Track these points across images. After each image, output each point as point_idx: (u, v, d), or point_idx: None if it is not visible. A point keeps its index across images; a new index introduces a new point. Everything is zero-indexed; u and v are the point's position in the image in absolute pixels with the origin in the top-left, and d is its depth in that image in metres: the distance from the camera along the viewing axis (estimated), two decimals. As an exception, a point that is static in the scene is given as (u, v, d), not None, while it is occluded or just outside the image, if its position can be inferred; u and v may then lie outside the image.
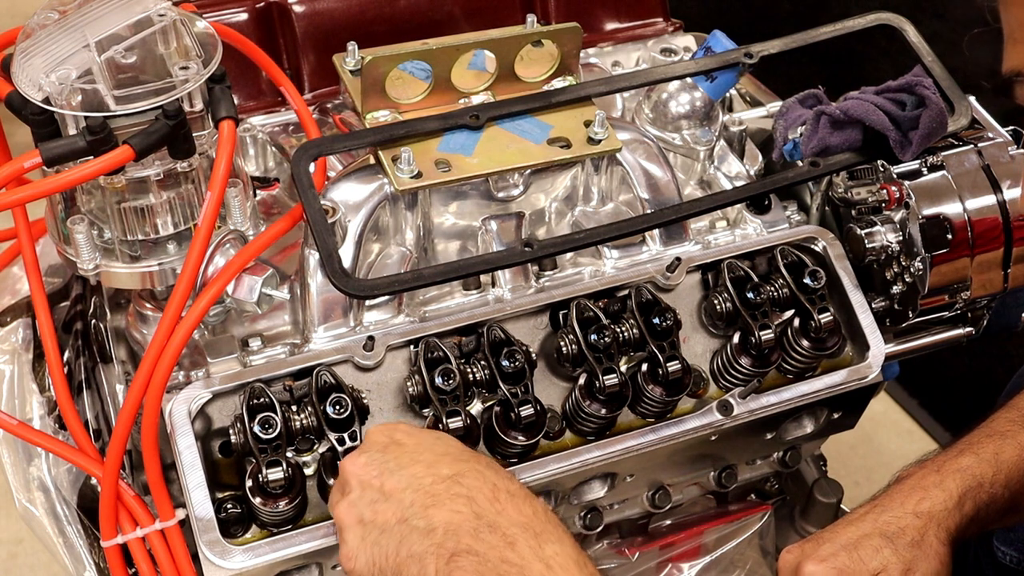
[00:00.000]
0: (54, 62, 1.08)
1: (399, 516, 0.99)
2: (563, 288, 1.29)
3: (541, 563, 0.95)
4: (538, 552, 0.96)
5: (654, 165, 1.34)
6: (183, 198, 1.15)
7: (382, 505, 1.00)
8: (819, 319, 1.28)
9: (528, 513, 0.99)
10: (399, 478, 1.01)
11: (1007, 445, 1.23)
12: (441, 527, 0.97)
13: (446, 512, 0.98)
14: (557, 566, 0.95)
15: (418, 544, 0.97)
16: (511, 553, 0.95)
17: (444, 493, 0.99)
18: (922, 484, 1.19)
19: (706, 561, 1.51)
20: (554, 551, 0.96)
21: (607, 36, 1.67)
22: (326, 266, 1.16)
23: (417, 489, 1.00)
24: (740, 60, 1.38)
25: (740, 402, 1.28)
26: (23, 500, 1.38)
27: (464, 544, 0.96)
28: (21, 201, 1.12)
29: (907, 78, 1.35)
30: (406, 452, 1.04)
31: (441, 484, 1.00)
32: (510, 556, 0.95)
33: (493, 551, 0.95)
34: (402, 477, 1.01)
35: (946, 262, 1.33)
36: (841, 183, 1.40)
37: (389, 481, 1.01)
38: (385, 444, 1.06)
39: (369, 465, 1.03)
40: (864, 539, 1.15)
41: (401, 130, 1.26)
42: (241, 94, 1.50)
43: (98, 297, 1.33)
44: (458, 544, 0.96)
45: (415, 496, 0.99)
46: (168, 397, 1.15)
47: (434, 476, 1.01)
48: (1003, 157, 1.36)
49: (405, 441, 1.06)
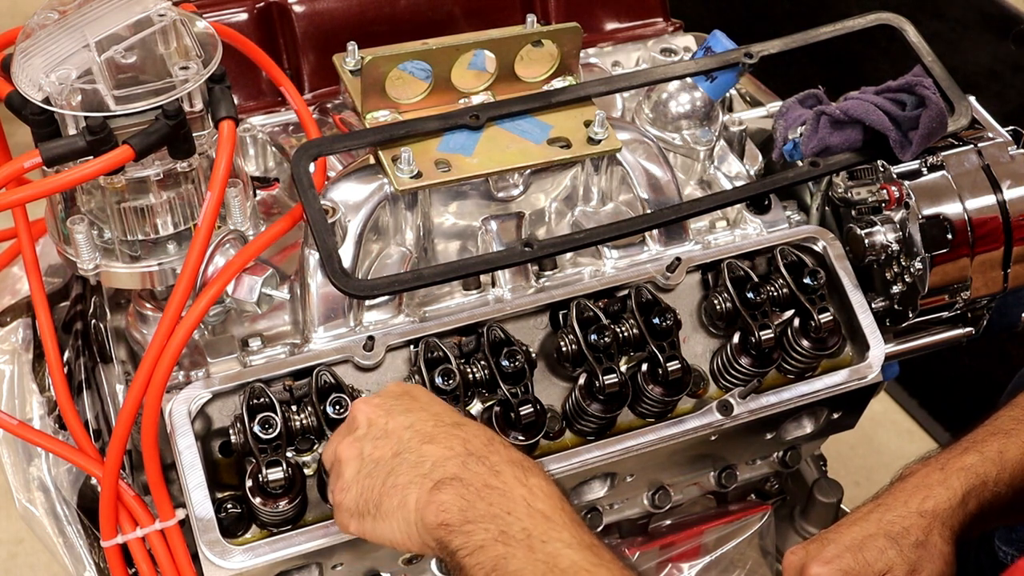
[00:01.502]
0: (54, 62, 1.08)
1: (395, 451, 1.02)
2: (563, 288, 1.29)
3: (524, 488, 0.98)
4: (522, 480, 0.98)
5: (654, 165, 1.34)
6: (183, 198, 1.15)
7: (382, 441, 1.03)
8: (819, 319, 1.28)
9: (518, 456, 1.02)
10: (404, 419, 1.04)
11: (1011, 443, 1.23)
12: (431, 460, 1.00)
13: (439, 448, 1.01)
14: (540, 492, 0.98)
15: (405, 475, 1.00)
16: (495, 480, 0.98)
17: (442, 434, 1.02)
18: (926, 482, 1.19)
19: (706, 561, 1.51)
20: (538, 483, 0.99)
21: (607, 36, 1.67)
22: (326, 266, 1.16)
23: (418, 429, 1.03)
24: (740, 60, 1.38)
25: (740, 402, 1.28)
26: (23, 500, 1.38)
27: (450, 472, 0.98)
28: (21, 201, 1.12)
29: (907, 78, 1.35)
30: (417, 401, 1.07)
31: (442, 427, 1.03)
32: (493, 482, 0.98)
33: (477, 478, 0.98)
34: (406, 418, 1.04)
35: (946, 262, 1.33)
36: (841, 183, 1.40)
37: (393, 421, 1.04)
38: (400, 393, 1.09)
39: (380, 406, 1.06)
40: (869, 540, 1.15)
41: (401, 130, 1.26)
42: (241, 94, 1.50)
43: (98, 297, 1.33)
44: (444, 473, 0.98)
45: (414, 434, 1.02)
46: (168, 397, 1.15)
47: (437, 421, 1.04)
48: (1003, 157, 1.36)
49: (419, 395, 1.09)
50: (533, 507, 0.96)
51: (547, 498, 0.98)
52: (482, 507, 0.96)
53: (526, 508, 0.96)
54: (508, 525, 0.95)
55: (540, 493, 0.98)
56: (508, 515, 0.96)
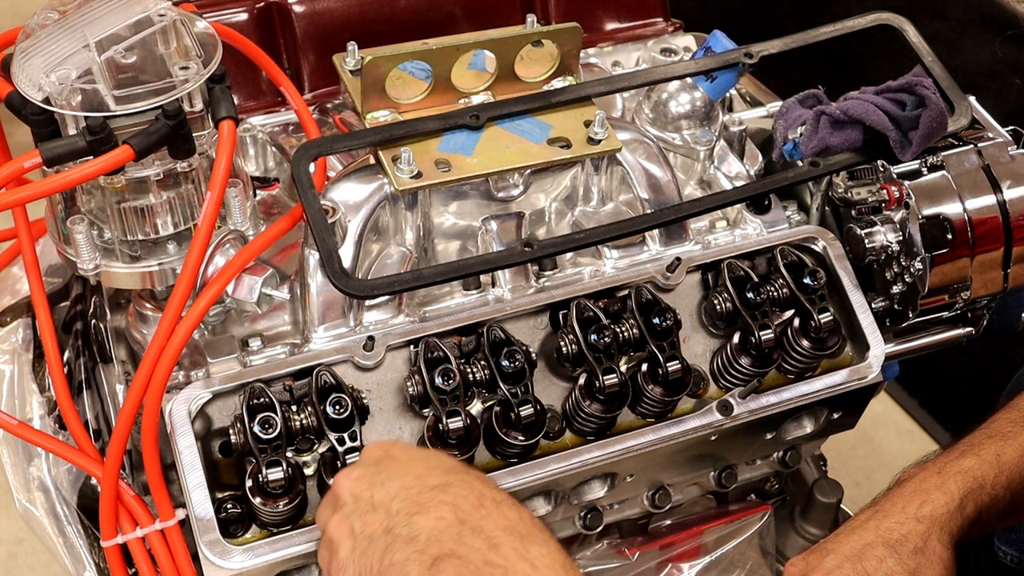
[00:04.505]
0: (54, 62, 1.08)
1: (385, 526, 0.99)
2: (563, 288, 1.29)
3: (526, 563, 0.94)
4: (523, 553, 0.95)
5: (654, 165, 1.34)
6: (183, 198, 1.15)
7: (371, 516, 1.01)
8: (819, 319, 1.28)
9: (514, 518, 0.99)
10: (388, 489, 1.02)
11: (1008, 446, 1.23)
12: (424, 534, 0.97)
13: (430, 519, 0.98)
14: (543, 566, 0.95)
15: (401, 552, 0.97)
16: (495, 555, 0.95)
17: (430, 501, 0.99)
18: (923, 487, 1.19)
19: (706, 561, 1.51)
20: (540, 552, 0.96)
21: (607, 36, 1.67)
22: (326, 266, 1.16)
23: (404, 499, 1.00)
24: (740, 60, 1.38)
25: (740, 402, 1.28)
26: (23, 500, 1.38)
27: (447, 548, 0.95)
28: (21, 201, 1.12)
29: (907, 78, 1.35)
30: (399, 465, 1.04)
31: (428, 493, 1.00)
32: (494, 558, 0.94)
33: (476, 554, 0.95)
34: (391, 488, 1.02)
35: (946, 262, 1.33)
36: (841, 183, 1.40)
37: (379, 492, 1.02)
38: (379, 458, 1.06)
39: (362, 479, 1.04)
40: (868, 548, 1.14)
41: (401, 130, 1.26)
42: (241, 94, 1.50)
43: (98, 297, 1.33)
44: (441, 549, 0.95)
45: (401, 505, 1.00)
46: (168, 397, 1.15)
47: (422, 486, 1.01)
48: (1003, 157, 1.36)
49: (399, 455, 1.06)
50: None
51: (550, 571, 0.95)
52: None
53: None
54: None
55: (543, 567, 0.95)
56: None
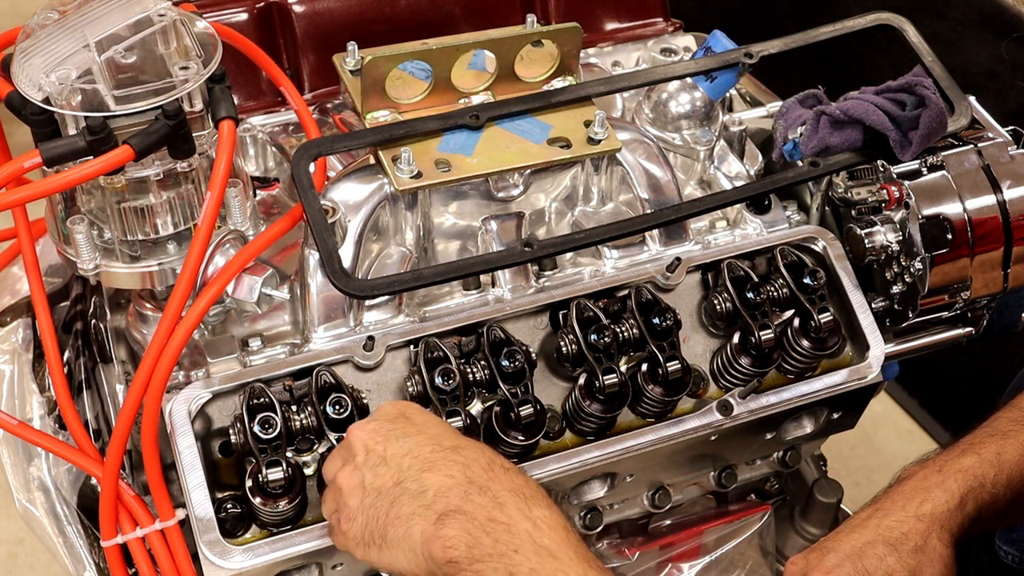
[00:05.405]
0: (54, 62, 1.08)
1: (395, 479, 1.02)
2: (563, 288, 1.29)
3: (529, 522, 0.98)
4: (526, 513, 0.98)
5: (654, 165, 1.34)
6: (183, 198, 1.15)
7: (382, 469, 1.03)
8: (819, 319, 1.28)
9: (520, 483, 1.02)
10: (402, 445, 1.04)
11: (1009, 445, 1.23)
12: (432, 490, 1.00)
13: (440, 476, 1.01)
14: (545, 526, 0.98)
15: (407, 506, 1.00)
16: (499, 513, 0.98)
17: (441, 460, 1.02)
18: (924, 485, 1.19)
19: (706, 561, 1.51)
20: (542, 514, 0.99)
21: (607, 36, 1.67)
22: (326, 266, 1.16)
23: (416, 456, 1.03)
24: (740, 60, 1.38)
25: (740, 402, 1.28)
26: (23, 500, 1.38)
27: (453, 504, 0.98)
28: (21, 201, 1.12)
29: (907, 78, 1.35)
30: (413, 424, 1.07)
31: (440, 452, 1.03)
32: (497, 515, 0.98)
33: (481, 511, 0.98)
34: (404, 444, 1.04)
35: (946, 262, 1.33)
36: (841, 183, 1.40)
37: (392, 447, 1.04)
38: (395, 416, 1.08)
39: (377, 432, 1.06)
40: (868, 547, 1.14)
41: (401, 130, 1.26)
42: (241, 94, 1.50)
43: (98, 297, 1.33)
44: (447, 505, 0.98)
45: (413, 461, 1.02)
46: (168, 397, 1.16)
47: (435, 445, 1.04)
48: (1003, 157, 1.36)
49: (415, 417, 1.08)
50: (539, 544, 0.97)
51: (552, 531, 0.98)
52: (488, 544, 0.97)
53: (532, 545, 0.97)
54: (516, 565, 0.96)
55: (544, 527, 0.98)
56: (515, 553, 0.96)
